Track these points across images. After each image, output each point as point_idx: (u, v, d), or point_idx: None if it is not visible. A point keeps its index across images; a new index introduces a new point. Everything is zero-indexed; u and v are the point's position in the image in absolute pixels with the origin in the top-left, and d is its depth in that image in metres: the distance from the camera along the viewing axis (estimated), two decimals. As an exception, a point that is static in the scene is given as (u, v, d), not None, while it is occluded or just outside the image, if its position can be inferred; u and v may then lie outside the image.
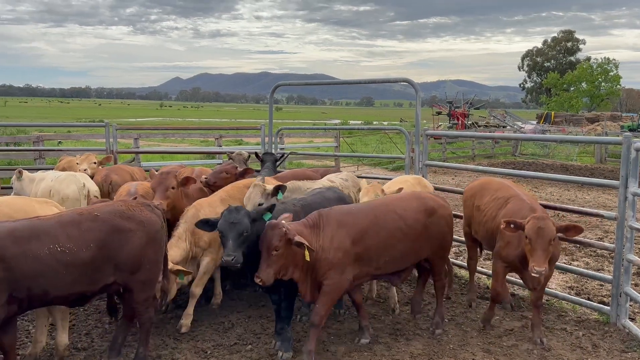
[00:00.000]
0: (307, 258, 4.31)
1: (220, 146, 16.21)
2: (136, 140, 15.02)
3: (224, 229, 4.40)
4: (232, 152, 8.27)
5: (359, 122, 62.60)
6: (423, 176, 7.42)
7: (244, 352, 4.90)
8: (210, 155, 15.59)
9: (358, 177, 8.96)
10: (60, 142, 20.81)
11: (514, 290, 6.68)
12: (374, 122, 60.02)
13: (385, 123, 54.45)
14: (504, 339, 5.32)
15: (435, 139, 23.51)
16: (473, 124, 40.05)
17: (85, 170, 7.33)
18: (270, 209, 4.65)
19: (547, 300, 6.34)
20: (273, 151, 9.37)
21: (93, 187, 6.37)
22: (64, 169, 7.84)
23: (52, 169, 7.94)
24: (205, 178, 6.48)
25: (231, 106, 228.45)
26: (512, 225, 4.79)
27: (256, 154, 8.35)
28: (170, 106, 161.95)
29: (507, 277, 5.61)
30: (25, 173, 6.65)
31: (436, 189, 7.64)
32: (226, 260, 4.32)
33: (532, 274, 4.57)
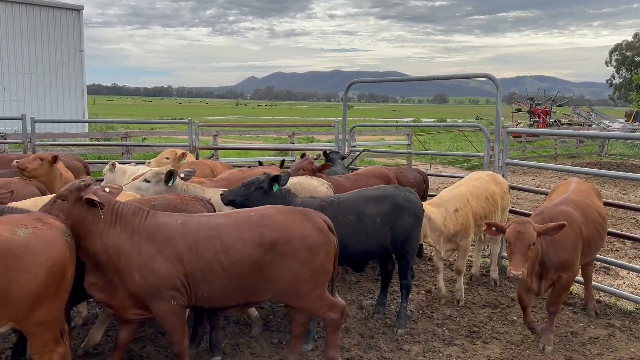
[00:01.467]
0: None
1: (293, 143, 16.50)
2: (215, 137, 15.62)
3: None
4: (305, 150, 8.42)
5: (432, 119, 61.32)
6: (503, 176, 7.16)
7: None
8: (284, 152, 15.92)
9: (430, 175, 8.82)
10: (144, 138, 22.07)
11: (600, 297, 6.31)
12: (448, 120, 58.53)
13: (459, 121, 53.03)
14: (587, 347, 5.05)
15: (514, 136, 22.58)
16: (555, 122, 38.00)
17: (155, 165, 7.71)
18: (278, 179, 4.79)
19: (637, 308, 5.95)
20: (346, 149, 9.43)
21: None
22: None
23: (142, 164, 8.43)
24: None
25: (303, 104, 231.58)
26: (493, 229, 4.84)
27: (324, 152, 8.43)
28: (246, 105, 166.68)
29: (594, 283, 5.31)
30: (118, 165, 7.13)
31: (512, 188, 7.37)
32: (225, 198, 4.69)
33: (510, 276, 4.50)
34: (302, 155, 8.89)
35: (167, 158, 8.11)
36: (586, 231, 5.02)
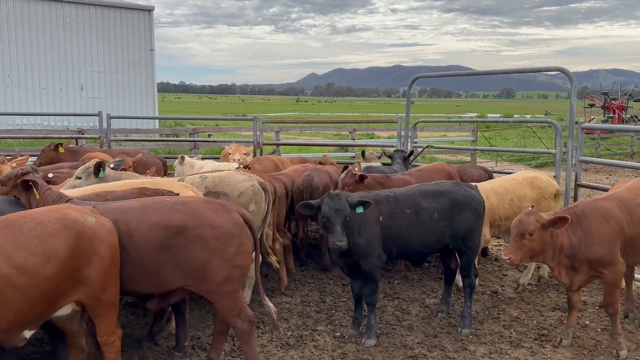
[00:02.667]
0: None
1: (354, 139, 16.49)
2: (277, 133, 15.88)
3: (329, 213, 4.55)
4: (365, 146, 8.40)
5: (498, 115, 59.35)
6: (576, 174, 6.82)
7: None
8: (344, 148, 15.94)
9: (497, 172, 8.54)
10: (210, 134, 22.79)
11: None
12: (515, 116, 56.38)
13: (527, 116, 50.96)
14: (671, 358, 4.73)
15: (586, 133, 21.44)
16: (632, 117, 35.73)
17: (238, 160, 7.94)
18: (364, 204, 4.67)
19: None
20: (408, 145, 9.30)
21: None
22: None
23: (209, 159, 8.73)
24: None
25: (363, 100, 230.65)
26: None
27: (384, 152, 8.39)
28: (306, 101, 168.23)
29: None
30: (187, 159, 7.46)
31: (582, 186, 7.00)
32: (338, 245, 4.48)
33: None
34: (363, 153, 8.87)
35: (230, 154, 8.36)
36: (629, 229, 4.75)
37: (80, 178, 5.63)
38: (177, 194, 4.70)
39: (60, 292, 3.33)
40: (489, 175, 7.74)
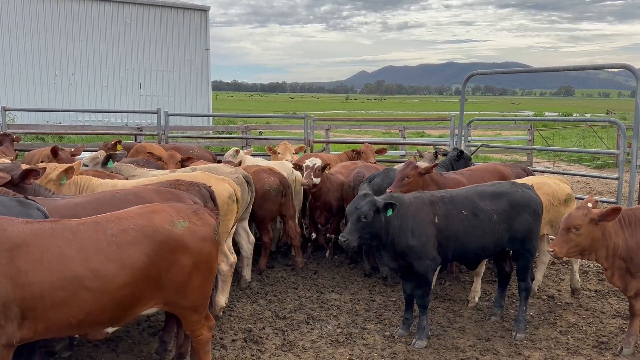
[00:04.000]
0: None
1: (404, 138, 16.30)
2: (327, 131, 15.93)
3: (349, 210, 4.63)
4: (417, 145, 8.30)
5: (556, 113, 57.13)
6: (642, 175, 6.47)
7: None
8: (394, 146, 15.78)
9: (556, 173, 8.22)
10: (261, 132, 23.15)
11: None
12: (574, 114, 54.06)
13: (587, 115, 48.80)
14: None
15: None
16: None
17: (289, 159, 8.07)
18: (391, 206, 4.59)
19: None
20: (461, 144, 9.10)
21: (298, 174, 7.00)
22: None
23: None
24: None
25: (413, 98, 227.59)
26: None
27: (436, 152, 8.24)
28: (355, 99, 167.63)
29: None
30: (240, 153, 7.72)
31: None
32: (340, 240, 4.54)
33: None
34: (436, 154, 8.50)
35: (280, 153, 8.48)
36: None
37: (87, 166, 5.91)
38: (210, 187, 4.82)
39: (135, 298, 3.34)
40: (527, 174, 7.48)
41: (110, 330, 3.61)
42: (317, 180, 6.74)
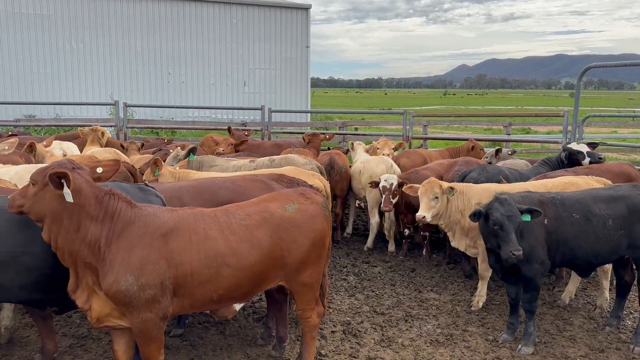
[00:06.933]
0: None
1: (509, 134, 15.55)
2: (425, 127, 15.64)
3: (504, 220, 4.30)
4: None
5: (683, 109, 51.34)
6: None
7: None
8: (496, 143, 15.10)
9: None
10: (356, 128, 23.26)
11: None
12: None
13: None
14: None
15: None
16: None
17: (387, 155, 8.07)
18: (533, 212, 4.33)
19: None
20: (575, 142, 8.49)
21: (397, 169, 7.01)
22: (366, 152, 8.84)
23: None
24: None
25: (517, 92, 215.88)
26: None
27: (496, 150, 7.88)
28: (454, 94, 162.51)
29: None
30: (355, 145, 8.24)
31: None
32: (516, 255, 4.22)
33: None
34: (496, 151, 8.18)
35: (379, 149, 8.52)
36: None
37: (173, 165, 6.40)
38: (312, 185, 4.95)
39: (264, 276, 3.67)
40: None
41: (237, 307, 3.94)
42: (395, 201, 6.75)
